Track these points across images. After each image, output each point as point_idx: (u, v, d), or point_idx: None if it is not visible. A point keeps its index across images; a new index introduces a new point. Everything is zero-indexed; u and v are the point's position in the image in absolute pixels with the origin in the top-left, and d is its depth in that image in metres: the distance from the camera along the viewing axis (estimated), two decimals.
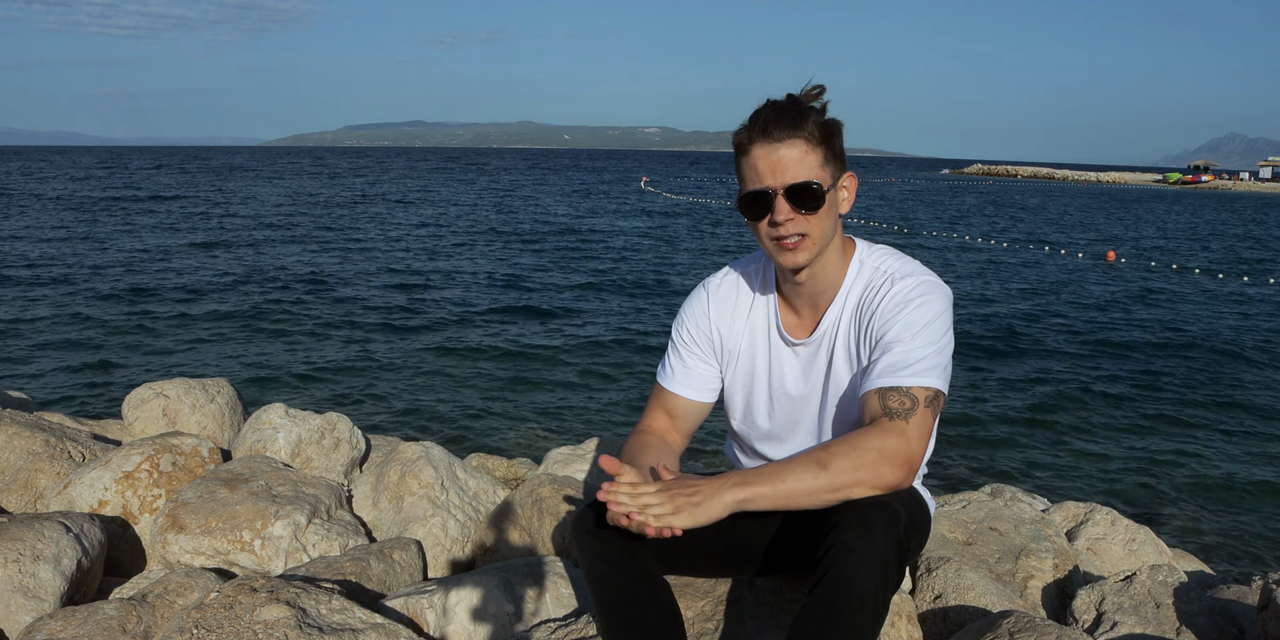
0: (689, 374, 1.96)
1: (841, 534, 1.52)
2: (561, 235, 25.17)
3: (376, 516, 3.21)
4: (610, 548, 1.67)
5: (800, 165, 1.69)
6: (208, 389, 4.01)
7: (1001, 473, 7.11)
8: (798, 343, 1.88)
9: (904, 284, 1.77)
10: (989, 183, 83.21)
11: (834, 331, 1.85)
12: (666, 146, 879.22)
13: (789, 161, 1.68)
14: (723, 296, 1.96)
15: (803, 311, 1.89)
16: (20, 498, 3.27)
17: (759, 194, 1.71)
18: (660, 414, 1.98)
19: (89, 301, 13.42)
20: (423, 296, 14.69)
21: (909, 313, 1.73)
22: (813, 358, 1.88)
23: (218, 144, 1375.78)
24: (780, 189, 1.69)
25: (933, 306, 1.74)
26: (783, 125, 1.68)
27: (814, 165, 1.70)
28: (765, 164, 1.69)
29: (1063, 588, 2.74)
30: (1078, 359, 11.44)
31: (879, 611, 1.52)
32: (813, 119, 1.70)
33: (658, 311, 13.98)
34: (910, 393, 1.68)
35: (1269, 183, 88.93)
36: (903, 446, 1.63)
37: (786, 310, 1.91)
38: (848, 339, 1.83)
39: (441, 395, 9.02)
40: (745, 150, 1.72)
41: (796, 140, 1.69)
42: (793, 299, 1.89)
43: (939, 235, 27.60)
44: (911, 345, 1.71)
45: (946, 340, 1.74)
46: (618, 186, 55.16)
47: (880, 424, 1.66)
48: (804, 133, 1.69)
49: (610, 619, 1.69)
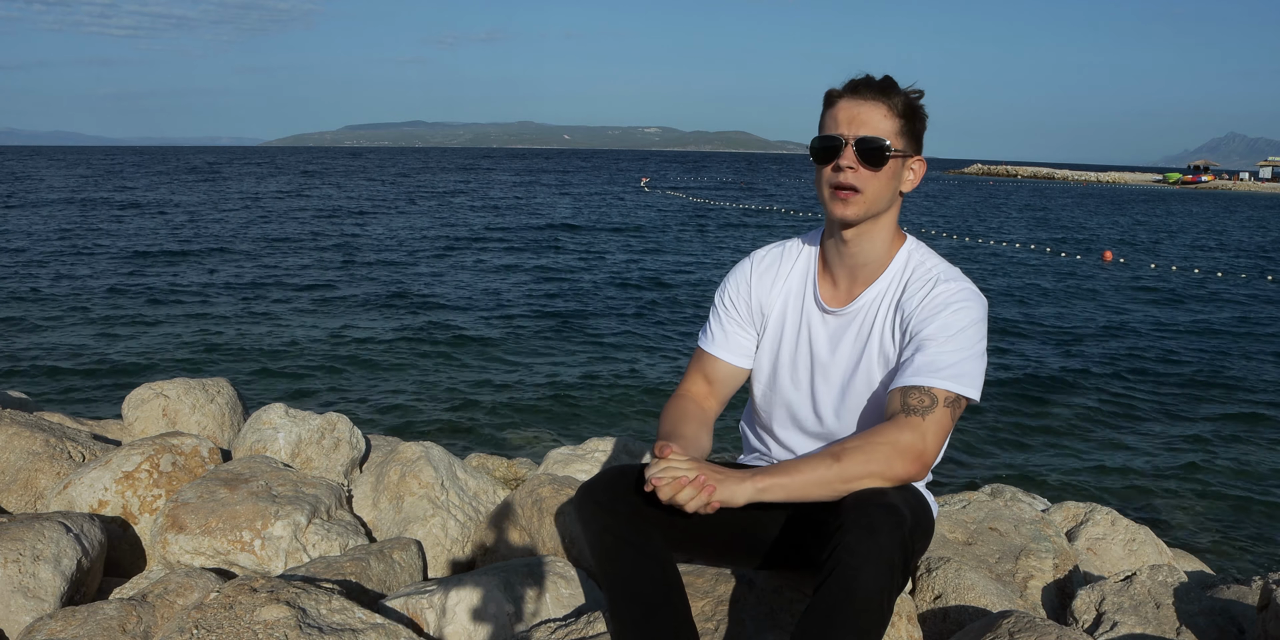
0: (728, 339, 2.02)
1: (847, 535, 1.53)
2: (561, 236, 25.17)
3: (376, 516, 3.21)
4: (618, 521, 1.69)
5: (878, 125, 1.78)
6: (208, 389, 4.01)
7: (1001, 473, 7.11)
8: (831, 311, 1.93)
9: (947, 287, 1.82)
10: (989, 183, 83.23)
11: (871, 310, 1.89)
12: (666, 146, 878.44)
13: (868, 118, 1.78)
14: (766, 265, 2.02)
15: (840, 282, 1.93)
16: (20, 498, 3.27)
17: (831, 139, 1.79)
18: (699, 378, 2.04)
19: (89, 301, 13.42)
20: (423, 297, 14.69)
21: (947, 315, 1.78)
22: (844, 328, 1.91)
23: (217, 144, 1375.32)
24: (852, 139, 1.78)
25: (970, 314, 1.79)
26: (873, 89, 1.79)
27: (890, 130, 1.79)
28: (845, 115, 1.79)
29: (1063, 588, 2.74)
30: (1077, 359, 11.44)
31: (883, 613, 1.53)
32: (903, 95, 1.80)
33: (659, 311, 13.98)
34: (931, 392, 1.72)
35: (1269, 183, 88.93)
36: (916, 441, 1.67)
37: (825, 279, 1.96)
38: (885, 319, 1.87)
39: (442, 395, 9.02)
40: (831, 102, 1.82)
41: (880, 104, 1.79)
42: (834, 267, 1.93)
43: (937, 234, 27.61)
44: (943, 348, 1.75)
45: (979, 349, 1.78)
46: (618, 187, 55.17)
47: (897, 419, 1.71)
48: (890, 101, 1.79)
49: (616, 591, 1.70)
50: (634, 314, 13.76)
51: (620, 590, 1.69)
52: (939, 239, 26.43)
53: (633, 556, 1.69)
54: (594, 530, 1.71)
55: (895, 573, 1.53)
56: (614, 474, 1.76)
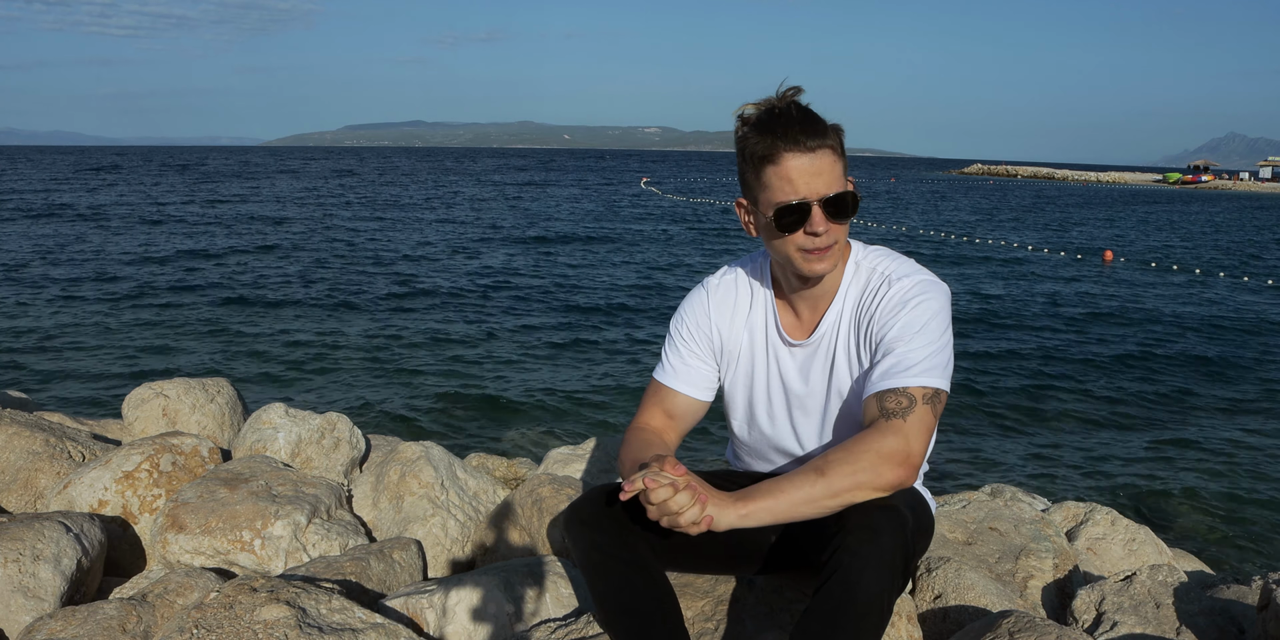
0: (689, 372, 1.94)
1: (847, 537, 1.52)
2: (561, 236, 25.16)
3: (376, 516, 3.21)
4: (605, 537, 1.67)
5: (832, 174, 1.67)
6: (208, 389, 4.01)
7: (1001, 473, 7.11)
8: (796, 344, 1.88)
9: (901, 285, 1.76)
10: (989, 183, 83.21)
11: (834, 333, 1.84)
12: (666, 146, 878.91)
13: (823, 171, 1.66)
14: (722, 296, 1.94)
15: (802, 313, 1.88)
16: (20, 498, 3.27)
17: (797, 206, 1.66)
18: (657, 412, 1.95)
19: (89, 301, 13.42)
20: (423, 298, 14.69)
21: (906, 313, 1.73)
22: (811, 359, 1.87)
23: (217, 144, 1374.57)
24: (817, 200, 1.67)
25: (929, 306, 1.73)
26: (813, 134, 1.65)
27: (841, 174, 1.69)
28: (800, 174, 1.65)
29: (1063, 588, 2.74)
30: (1077, 359, 11.44)
31: (883, 615, 1.52)
32: (831, 127, 1.69)
33: (657, 311, 13.98)
34: (907, 392, 1.67)
35: (1269, 183, 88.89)
36: (900, 444, 1.61)
37: (785, 311, 1.91)
38: (848, 341, 1.83)
39: (441, 395, 9.01)
40: (773, 160, 1.66)
41: (825, 149, 1.66)
42: (793, 301, 1.88)
43: (933, 234, 27.60)
44: (909, 346, 1.70)
45: (945, 339, 1.73)
46: (617, 187, 55.15)
47: (877, 425, 1.65)
48: (831, 141, 1.67)
49: (608, 606, 1.69)
50: (634, 314, 13.77)
51: (612, 604, 1.68)
52: (935, 238, 26.43)
53: (621, 570, 1.67)
54: (582, 548, 1.69)
55: (896, 575, 1.53)
56: (598, 492, 1.74)
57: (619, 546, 1.67)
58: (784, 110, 1.67)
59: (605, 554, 1.67)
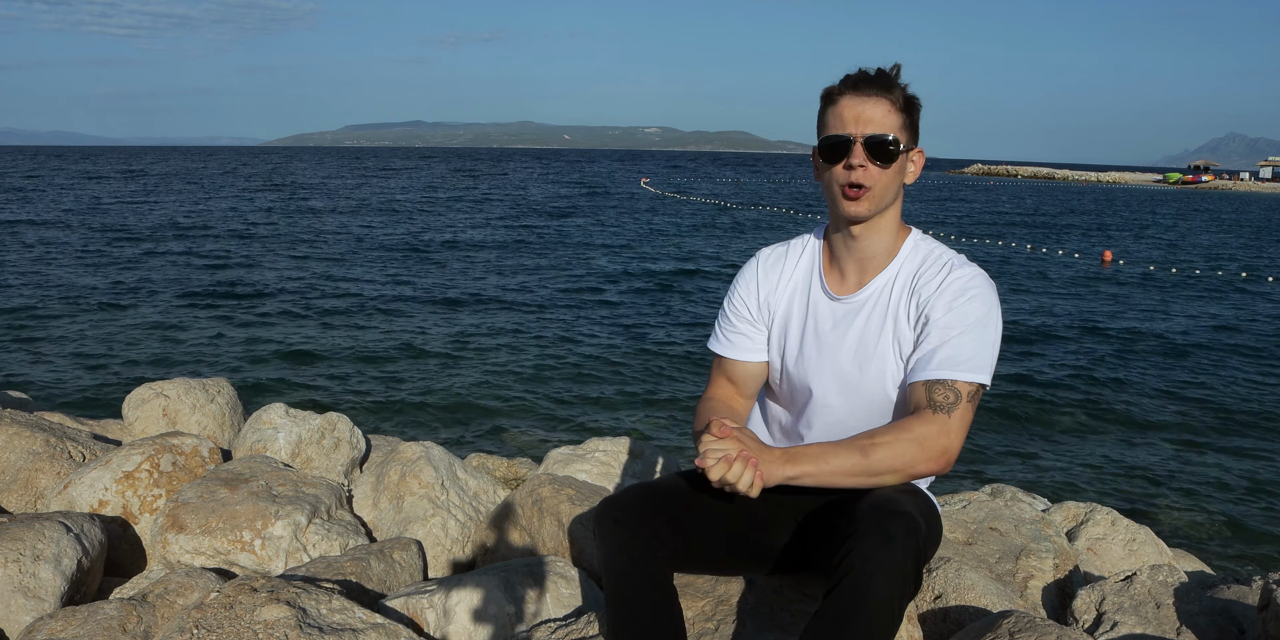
0: (741, 338, 2.03)
1: (861, 541, 1.52)
2: (560, 236, 25.16)
3: (376, 516, 3.21)
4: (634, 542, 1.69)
5: (883, 121, 1.79)
6: (208, 389, 4.01)
7: (1001, 473, 7.11)
8: (838, 299, 1.94)
9: (962, 273, 1.85)
10: (989, 183, 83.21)
11: (883, 297, 1.90)
12: (666, 146, 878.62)
13: (873, 115, 1.78)
14: (772, 262, 2.04)
15: (849, 273, 1.94)
16: (20, 498, 3.27)
17: (840, 139, 1.79)
18: (722, 381, 2.06)
19: (88, 301, 13.42)
20: (422, 297, 14.69)
21: (964, 304, 1.80)
22: (852, 315, 1.92)
23: (218, 144, 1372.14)
24: (861, 137, 1.78)
25: (985, 301, 1.82)
26: (874, 84, 1.80)
27: (894, 125, 1.80)
28: (851, 113, 1.79)
29: (1063, 588, 2.74)
30: (1077, 359, 11.44)
31: (893, 621, 1.53)
32: (900, 89, 1.82)
33: (659, 312, 13.98)
34: (955, 387, 1.73)
35: (1269, 183, 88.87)
36: (942, 439, 1.69)
37: (832, 271, 1.97)
38: (895, 307, 1.88)
39: (441, 395, 9.01)
40: (833, 100, 1.82)
41: (883, 100, 1.79)
42: (842, 258, 1.94)
43: (930, 234, 27.60)
44: (964, 340, 1.77)
45: (995, 336, 1.81)
46: (617, 187, 55.15)
47: (923, 415, 1.72)
48: (891, 96, 1.80)
49: (620, 613, 1.70)
50: (636, 314, 13.76)
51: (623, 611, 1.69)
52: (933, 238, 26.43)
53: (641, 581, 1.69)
54: (610, 548, 1.71)
55: (908, 581, 1.54)
56: (636, 491, 1.77)
57: (645, 557, 1.70)
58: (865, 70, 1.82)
59: (631, 560, 1.69)
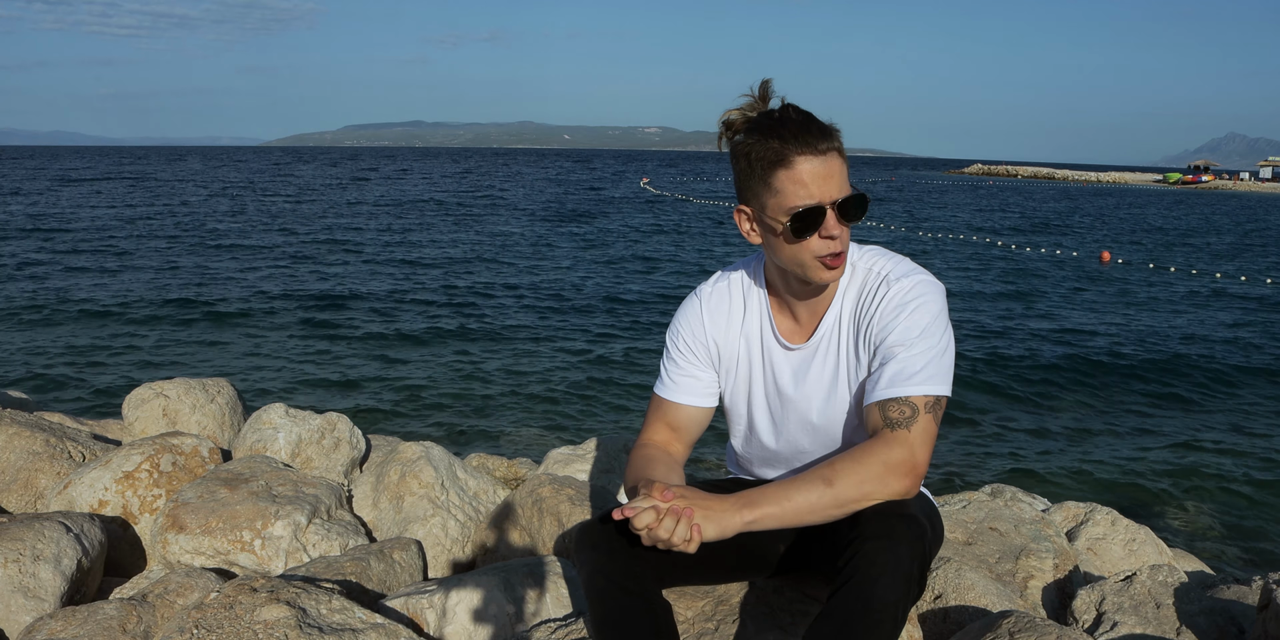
0: (689, 382, 1.92)
1: (866, 544, 1.51)
2: (561, 237, 25.17)
3: (376, 516, 3.21)
4: (612, 563, 1.65)
5: (842, 177, 1.65)
6: (208, 389, 4.01)
7: (1001, 473, 7.11)
8: (793, 348, 1.85)
9: (900, 286, 1.73)
10: (989, 183, 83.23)
11: (833, 336, 1.82)
12: (666, 146, 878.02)
13: (834, 173, 1.63)
14: (715, 304, 1.91)
15: (800, 316, 1.85)
16: (20, 498, 3.27)
17: (814, 209, 1.63)
18: (661, 427, 1.93)
19: (88, 302, 13.41)
20: (422, 297, 14.69)
21: (906, 317, 1.70)
22: (808, 362, 1.85)
23: (218, 144, 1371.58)
24: (830, 203, 1.64)
25: (929, 309, 1.71)
26: (822, 136, 1.62)
27: (847, 176, 1.67)
28: (813, 177, 1.62)
29: (1063, 588, 2.74)
30: (1076, 359, 11.43)
31: (897, 624, 1.51)
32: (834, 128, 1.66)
33: (659, 312, 13.98)
34: (910, 401, 1.65)
35: (1269, 183, 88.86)
36: (906, 456, 1.61)
37: (782, 315, 1.88)
38: (847, 343, 1.80)
39: (441, 395, 9.01)
40: (785, 163, 1.62)
41: (834, 152, 1.64)
42: (791, 304, 1.85)
43: (930, 235, 27.61)
44: (911, 353, 1.68)
45: (946, 341, 1.72)
46: (617, 187, 55.16)
47: (882, 436, 1.64)
48: (838, 142, 1.65)
49: (606, 634, 1.66)
50: (635, 314, 13.77)
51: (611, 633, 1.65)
52: (932, 239, 26.44)
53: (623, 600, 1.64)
54: (587, 572, 1.67)
55: (912, 584, 1.52)
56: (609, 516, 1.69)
57: (624, 575, 1.64)
58: (784, 113, 1.65)
59: (609, 581, 1.65)
